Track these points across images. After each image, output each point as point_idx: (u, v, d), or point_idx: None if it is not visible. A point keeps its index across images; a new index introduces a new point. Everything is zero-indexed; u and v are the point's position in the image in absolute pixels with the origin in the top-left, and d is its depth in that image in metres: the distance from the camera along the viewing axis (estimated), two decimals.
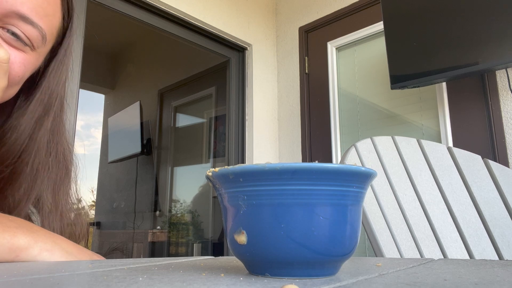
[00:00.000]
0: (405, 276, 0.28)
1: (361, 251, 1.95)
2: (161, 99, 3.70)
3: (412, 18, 1.71)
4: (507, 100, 1.65)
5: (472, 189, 0.95)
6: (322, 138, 2.25)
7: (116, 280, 0.25)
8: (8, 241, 0.38)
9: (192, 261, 0.38)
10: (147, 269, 0.31)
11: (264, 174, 0.25)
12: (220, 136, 3.03)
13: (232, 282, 0.25)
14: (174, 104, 3.59)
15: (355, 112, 2.19)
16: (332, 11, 2.30)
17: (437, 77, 1.61)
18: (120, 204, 3.68)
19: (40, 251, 0.39)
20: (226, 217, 0.29)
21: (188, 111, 3.57)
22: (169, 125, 3.61)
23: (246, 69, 2.48)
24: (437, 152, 1.00)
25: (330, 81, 2.28)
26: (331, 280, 0.26)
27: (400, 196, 0.91)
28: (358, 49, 2.23)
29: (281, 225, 0.26)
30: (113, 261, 0.37)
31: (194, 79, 3.35)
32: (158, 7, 1.98)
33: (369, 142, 0.96)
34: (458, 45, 1.57)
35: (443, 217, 0.91)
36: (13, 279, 0.25)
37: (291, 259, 0.26)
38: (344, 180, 0.26)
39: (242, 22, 2.42)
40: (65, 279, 0.26)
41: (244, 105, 2.44)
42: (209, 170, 0.29)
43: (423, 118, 1.91)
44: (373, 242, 0.80)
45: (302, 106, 2.38)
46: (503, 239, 0.89)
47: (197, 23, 2.18)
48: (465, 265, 0.35)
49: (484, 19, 1.51)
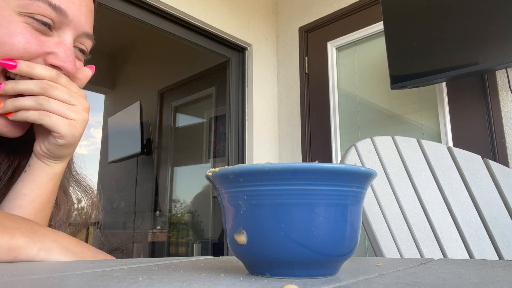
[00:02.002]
0: (405, 276, 0.28)
1: (361, 251, 1.95)
2: (161, 99, 3.70)
3: (412, 18, 1.71)
4: (507, 100, 1.65)
5: (472, 189, 0.95)
6: (322, 138, 2.25)
7: (116, 280, 0.25)
8: (7, 242, 0.38)
9: (192, 261, 0.38)
10: (147, 269, 0.31)
11: (264, 174, 0.25)
12: (220, 136, 3.03)
13: (232, 282, 0.25)
14: (174, 104, 3.59)
15: (355, 112, 2.19)
16: (332, 11, 2.30)
17: (437, 77, 1.61)
18: (120, 204, 3.68)
19: (38, 251, 0.39)
20: (226, 217, 0.29)
21: (188, 111, 3.57)
22: (169, 125, 3.61)
23: (246, 69, 2.48)
24: (437, 152, 1.00)
25: (330, 81, 2.28)
26: (331, 280, 0.26)
27: (400, 196, 0.91)
28: (358, 49, 2.23)
29: (281, 225, 0.26)
30: (113, 261, 0.37)
31: (194, 79, 3.35)
32: (158, 7, 1.98)
33: (369, 142, 0.96)
34: (458, 45, 1.56)
35: (443, 217, 0.91)
36: (13, 279, 0.25)
37: (291, 259, 0.26)
38: (344, 180, 0.26)
39: (242, 22, 2.42)
40: (65, 279, 0.26)
41: (244, 105, 2.44)
42: (209, 170, 0.29)
43: (423, 118, 1.91)
44: (373, 242, 0.80)
45: (302, 106, 2.38)
46: (503, 239, 0.89)
47: (197, 23, 2.18)
48: (465, 265, 0.35)
49: (484, 19, 1.51)
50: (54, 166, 0.53)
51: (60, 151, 0.51)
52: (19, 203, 0.50)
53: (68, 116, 0.49)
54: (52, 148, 0.51)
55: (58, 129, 0.49)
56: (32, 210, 0.51)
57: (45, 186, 0.52)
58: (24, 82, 0.48)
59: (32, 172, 0.52)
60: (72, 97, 0.50)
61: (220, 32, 2.29)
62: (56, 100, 0.48)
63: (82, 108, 0.51)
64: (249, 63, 2.48)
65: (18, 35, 0.46)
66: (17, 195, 0.51)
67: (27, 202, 0.51)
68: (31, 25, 0.48)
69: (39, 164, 0.52)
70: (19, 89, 0.48)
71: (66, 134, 0.49)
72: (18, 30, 0.47)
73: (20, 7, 0.47)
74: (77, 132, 0.51)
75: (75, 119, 0.50)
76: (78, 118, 0.50)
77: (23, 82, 0.48)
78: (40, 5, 0.47)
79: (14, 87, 0.48)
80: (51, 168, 0.53)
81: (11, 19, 0.46)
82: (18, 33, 0.46)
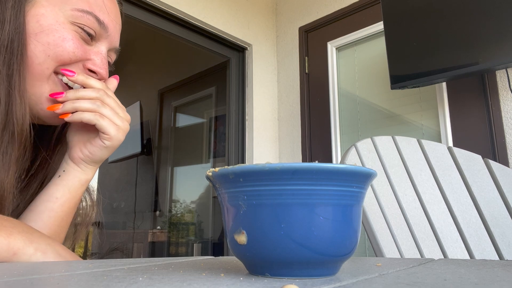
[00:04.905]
0: (405, 276, 0.28)
1: (361, 251, 1.95)
2: (161, 99, 3.70)
3: (412, 18, 1.71)
4: (507, 100, 1.65)
5: (472, 189, 0.95)
6: (322, 138, 2.25)
7: (116, 280, 0.25)
8: (5, 239, 0.38)
9: (192, 261, 0.38)
10: (147, 269, 0.31)
11: (264, 174, 0.25)
12: (220, 136, 3.03)
13: (232, 282, 0.25)
14: (174, 104, 3.58)
15: (355, 112, 2.19)
16: (332, 11, 2.30)
17: (437, 77, 1.61)
18: (120, 204, 3.67)
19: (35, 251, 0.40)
20: (226, 217, 0.29)
21: (188, 111, 3.57)
22: (169, 125, 3.61)
23: (246, 69, 2.48)
24: (437, 152, 1.00)
25: (330, 81, 2.28)
26: (331, 280, 0.26)
27: (400, 196, 0.91)
28: (358, 49, 2.23)
29: (281, 225, 0.26)
30: (113, 261, 0.37)
31: (194, 79, 3.35)
32: (158, 7, 1.98)
33: (369, 142, 0.96)
34: (458, 45, 1.56)
35: (443, 217, 0.91)
36: (13, 279, 0.25)
37: (291, 259, 0.26)
38: (344, 180, 0.26)
39: (242, 22, 2.42)
40: (65, 279, 0.26)
41: (244, 105, 2.43)
42: (209, 170, 0.29)
43: (423, 118, 1.91)
44: (373, 242, 0.80)
45: (302, 106, 2.38)
46: (503, 239, 0.89)
47: (197, 23, 2.18)
48: (465, 265, 0.35)
49: (484, 19, 1.51)
50: (87, 172, 0.58)
51: (103, 153, 0.57)
52: (51, 206, 0.54)
53: (116, 122, 0.56)
54: (96, 151, 0.57)
55: (109, 131, 0.55)
56: (61, 214, 0.55)
57: (76, 191, 0.57)
58: (84, 90, 0.55)
59: (66, 177, 0.56)
60: (119, 108, 0.57)
61: (220, 32, 2.29)
62: (109, 107, 0.55)
63: (126, 119, 0.58)
64: (249, 63, 2.47)
65: (69, 40, 0.54)
66: (49, 198, 0.54)
67: (58, 205, 0.54)
68: (79, 34, 0.55)
69: (74, 170, 0.57)
70: (79, 96, 0.54)
71: (114, 137, 0.56)
72: (70, 37, 0.54)
73: (72, 17, 0.54)
74: (122, 137, 0.57)
75: (121, 126, 0.57)
76: (123, 126, 0.57)
77: (84, 90, 0.55)
78: (89, 18, 0.55)
79: (75, 94, 0.54)
80: (85, 174, 0.58)
81: (64, 26, 0.54)
82: (69, 39, 0.54)
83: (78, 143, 0.58)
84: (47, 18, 0.53)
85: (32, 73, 0.52)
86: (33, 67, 0.52)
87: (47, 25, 0.53)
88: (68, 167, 0.57)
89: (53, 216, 0.54)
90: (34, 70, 0.52)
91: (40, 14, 0.53)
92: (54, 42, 0.53)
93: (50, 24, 0.53)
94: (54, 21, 0.53)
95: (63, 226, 0.55)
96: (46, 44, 0.52)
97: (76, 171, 0.57)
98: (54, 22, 0.53)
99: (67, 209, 0.55)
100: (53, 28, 0.53)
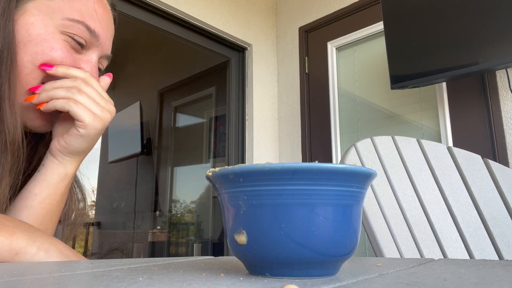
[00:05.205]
0: (405, 276, 0.28)
1: (361, 251, 1.95)
2: (161, 99, 3.70)
3: (412, 18, 1.71)
4: (507, 100, 1.65)
5: (472, 189, 0.95)
6: (322, 138, 2.25)
7: (116, 280, 0.25)
8: (7, 239, 0.38)
9: (192, 261, 0.38)
10: (147, 269, 0.31)
11: (264, 174, 0.25)
12: (220, 136, 3.03)
13: (232, 282, 0.25)
14: (174, 104, 3.58)
15: (355, 112, 2.19)
16: (332, 11, 2.30)
17: (437, 77, 1.61)
18: (120, 204, 3.67)
19: (37, 250, 0.40)
20: (226, 217, 0.29)
21: (188, 111, 3.57)
22: (169, 125, 3.61)
23: (246, 69, 2.48)
24: (437, 152, 1.00)
25: (330, 81, 2.28)
26: (331, 280, 0.26)
27: (400, 196, 0.91)
28: (358, 49, 2.23)
29: (281, 225, 0.26)
30: (113, 261, 0.37)
31: (194, 79, 3.35)
32: (158, 7, 1.98)
33: (369, 142, 0.96)
34: (458, 45, 1.56)
35: (443, 217, 0.91)
36: (13, 279, 0.25)
37: (291, 259, 0.26)
38: (344, 180, 0.26)
39: (242, 22, 2.42)
40: (65, 279, 0.26)
41: (244, 105, 2.43)
42: (209, 170, 0.29)
43: (423, 118, 1.91)
44: (373, 242, 0.80)
45: (302, 106, 2.38)
46: (503, 239, 0.89)
47: (197, 23, 2.18)
48: (465, 265, 0.35)
49: (484, 19, 1.51)
50: (66, 165, 0.55)
51: (79, 143, 0.54)
52: (29, 203, 0.52)
53: (93, 110, 0.53)
54: (71, 140, 0.54)
55: (82, 117, 0.52)
56: (41, 211, 0.52)
57: (56, 187, 0.54)
58: (61, 80, 0.53)
59: (45, 172, 0.54)
60: (100, 98, 0.55)
61: (220, 32, 2.29)
62: (86, 95, 0.53)
63: (107, 109, 0.55)
64: (249, 63, 2.47)
65: (58, 50, 0.53)
66: (28, 195, 0.52)
67: (36, 202, 0.52)
68: (69, 43, 0.54)
69: (52, 163, 0.54)
70: (56, 85, 0.53)
71: (88, 124, 0.53)
72: (59, 46, 0.53)
73: (62, 27, 0.54)
74: (99, 125, 0.54)
75: (99, 115, 0.54)
76: (102, 115, 0.54)
77: (61, 80, 0.53)
78: (80, 27, 0.55)
79: (52, 84, 0.53)
80: (63, 167, 0.55)
81: (54, 36, 0.53)
82: (58, 49, 0.53)
83: (60, 132, 0.56)
84: (36, 27, 0.52)
85: (21, 82, 0.51)
86: (21, 77, 0.51)
87: (36, 35, 0.52)
88: (47, 160, 0.55)
89: (32, 214, 0.51)
90: (22, 80, 0.51)
91: (30, 23, 0.52)
92: (42, 52, 0.52)
93: (39, 34, 0.52)
94: (44, 30, 0.52)
95: (46, 224, 0.53)
96: (34, 53, 0.51)
97: (54, 164, 0.54)
98: (43, 32, 0.52)
99: (47, 206, 0.53)
100: (42, 38, 0.52)
